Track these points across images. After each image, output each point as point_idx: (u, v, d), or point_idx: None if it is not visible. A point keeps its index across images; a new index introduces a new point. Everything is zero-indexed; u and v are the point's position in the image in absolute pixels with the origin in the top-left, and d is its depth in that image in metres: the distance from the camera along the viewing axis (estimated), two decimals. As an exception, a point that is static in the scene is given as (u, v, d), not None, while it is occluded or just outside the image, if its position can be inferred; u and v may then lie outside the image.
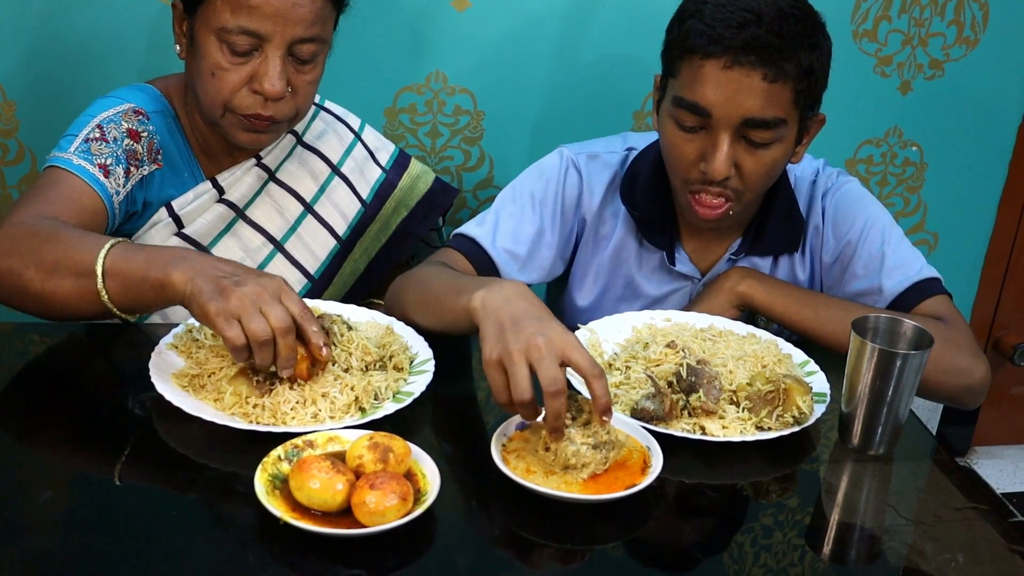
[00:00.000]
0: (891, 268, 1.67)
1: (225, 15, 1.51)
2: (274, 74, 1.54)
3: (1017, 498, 2.86)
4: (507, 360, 1.21)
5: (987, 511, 1.29)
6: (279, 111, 1.59)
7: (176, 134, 1.68)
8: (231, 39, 1.52)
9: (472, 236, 1.71)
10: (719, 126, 1.54)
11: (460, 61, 2.17)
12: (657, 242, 1.74)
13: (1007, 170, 2.56)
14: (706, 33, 1.51)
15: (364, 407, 1.33)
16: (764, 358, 1.47)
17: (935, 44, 2.36)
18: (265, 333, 1.25)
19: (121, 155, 1.57)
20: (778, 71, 1.50)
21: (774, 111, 1.52)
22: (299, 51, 1.56)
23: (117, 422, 1.33)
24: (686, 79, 1.55)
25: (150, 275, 1.33)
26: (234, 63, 1.54)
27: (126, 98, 1.64)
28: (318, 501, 1.11)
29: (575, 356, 1.20)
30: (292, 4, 1.52)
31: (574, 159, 1.77)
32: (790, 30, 1.50)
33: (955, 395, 1.60)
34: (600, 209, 1.77)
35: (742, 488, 1.30)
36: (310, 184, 1.78)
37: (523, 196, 1.75)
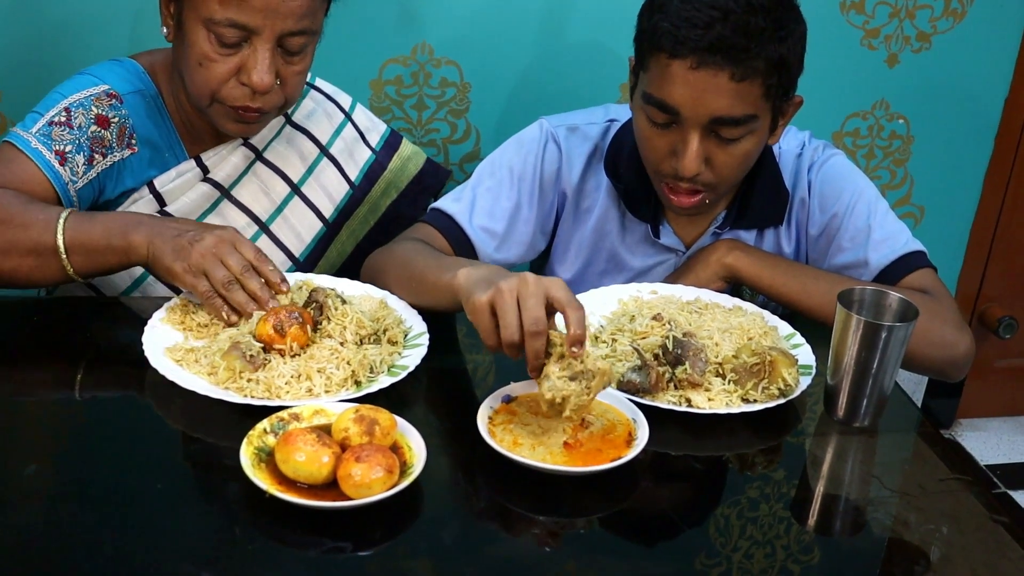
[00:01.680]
0: (877, 241, 1.67)
1: (214, 6, 1.48)
2: (263, 67, 1.52)
3: (1000, 469, 2.88)
4: (498, 299, 1.25)
5: (970, 482, 1.30)
6: (267, 103, 1.56)
7: (156, 113, 1.65)
8: (219, 31, 1.49)
9: (449, 212, 1.69)
10: (688, 124, 1.52)
11: (446, 32, 2.16)
12: (641, 215, 1.73)
13: (993, 143, 2.57)
14: (672, 33, 1.48)
15: (360, 380, 1.33)
16: (750, 330, 1.48)
17: (922, 16, 2.36)
18: (227, 278, 1.37)
19: (84, 143, 1.55)
20: (746, 69, 1.48)
21: (743, 108, 1.51)
22: (288, 43, 1.54)
23: (107, 395, 1.33)
24: (654, 76, 1.53)
25: (112, 243, 1.41)
26: (222, 54, 1.51)
27: (103, 78, 1.60)
28: (304, 474, 1.11)
29: (558, 293, 1.25)
30: None
31: (553, 132, 1.76)
32: (758, 25, 1.47)
33: (940, 368, 1.60)
34: (581, 182, 1.76)
35: (728, 460, 1.31)
36: (298, 165, 1.76)
37: (501, 170, 1.74)
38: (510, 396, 1.30)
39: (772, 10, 1.49)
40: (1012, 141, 2.59)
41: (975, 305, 2.84)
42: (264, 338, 1.33)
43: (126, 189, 1.62)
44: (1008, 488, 2.78)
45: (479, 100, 2.23)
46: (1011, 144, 2.59)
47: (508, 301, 1.24)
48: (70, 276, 1.43)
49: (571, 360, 1.23)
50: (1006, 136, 2.57)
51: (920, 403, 2.93)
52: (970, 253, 2.73)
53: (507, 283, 1.25)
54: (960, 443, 2.97)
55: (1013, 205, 2.69)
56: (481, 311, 1.26)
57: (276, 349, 1.33)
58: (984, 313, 2.86)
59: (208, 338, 1.39)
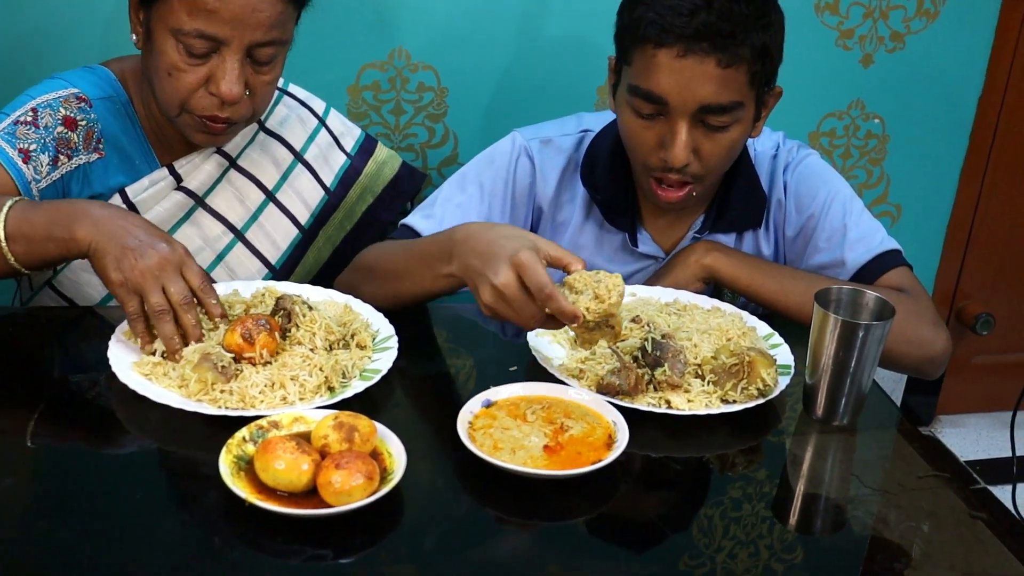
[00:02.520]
0: (853, 241, 1.68)
1: (182, 16, 1.47)
2: (231, 78, 1.50)
3: (980, 465, 2.89)
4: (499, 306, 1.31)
5: (949, 479, 1.30)
6: (236, 113, 1.55)
7: (127, 121, 1.64)
8: (188, 41, 1.48)
9: (417, 229, 1.68)
10: (676, 114, 1.53)
11: (423, 37, 2.16)
12: (619, 224, 1.73)
13: (968, 141, 2.59)
14: (657, 22, 1.49)
15: (333, 386, 1.32)
16: (729, 331, 1.48)
17: (896, 17, 2.37)
18: (162, 306, 1.31)
19: (50, 143, 1.54)
20: (732, 56, 1.49)
21: (730, 95, 1.52)
22: (258, 54, 1.53)
23: (78, 409, 1.31)
24: (640, 68, 1.54)
25: (54, 234, 1.35)
26: (191, 64, 1.50)
27: (73, 82, 1.60)
28: (283, 482, 1.10)
29: (551, 251, 1.33)
30: (251, 9, 1.48)
31: (526, 145, 1.75)
32: (741, 12, 1.48)
33: (917, 366, 1.61)
34: (556, 195, 1.76)
35: (708, 461, 1.31)
36: (272, 172, 1.75)
37: (471, 185, 1.73)
38: (490, 400, 1.30)
39: None
40: (986, 139, 2.61)
41: (952, 302, 2.86)
42: (233, 347, 1.31)
43: (93, 194, 1.60)
44: (988, 483, 2.79)
45: (456, 104, 2.23)
46: (985, 142, 2.61)
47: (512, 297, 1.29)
48: (12, 266, 1.38)
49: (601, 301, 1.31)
50: (980, 134, 2.59)
51: (900, 400, 2.94)
52: (947, 250, 2.75)
53: (501, 279, 1.29)
54: (940, 439, 2.98)
55: (988, 202, 2.71)
56: (492, 315, 1.34)
57: (246, 358, 1.32)
58: (961, 310, 2.87)
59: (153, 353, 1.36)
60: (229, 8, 1.47)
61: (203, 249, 1.66)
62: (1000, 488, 2.69)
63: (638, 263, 1.76)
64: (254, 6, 1.48)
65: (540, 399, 1.32)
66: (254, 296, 1.46)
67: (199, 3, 1.46)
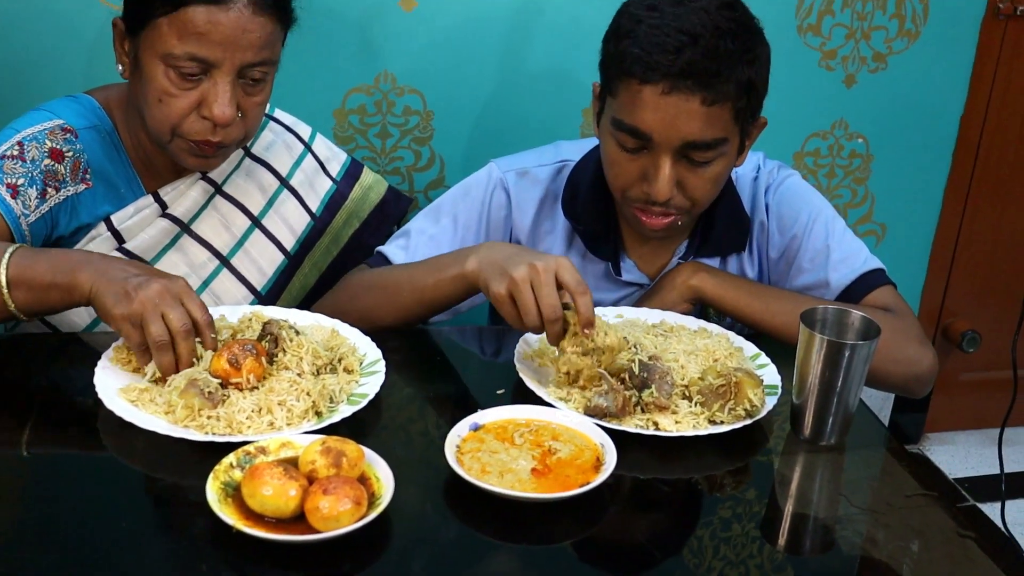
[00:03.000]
0: (836, 261, 1.69)
1: (172, 41, 1.47)
2: (224, 100, 1.51)
3: (969, 482, 2.90)
4: (515, 290, 1.38)
5: (938, 497, 1.30)
6: (228, 136, 1.55)
7: (112, 149, 1.63)
8: (179, 64, 1.48)
9: (391, 259, 1.69)
10: (660, 149, 1.53)
11: (409, 61, 2.16)
12: (602, 254, 1.73)
13: (951, 159, 2.60)
14: (643, 59, 1.48)
15: (321, 411, 1.32)
16: (715, 352, 1.48)
17: (878, 37, 2.39)
18: (163, 337, 1.30)
19: (37, 176, 1.53)
20: (717, 94, 1.49)
21: (714, 132, 1.52)
22: (249, 75, 1.53)
23: (63, 435, 1.31)
24: (624, 102, 1.53)
25: (56, 280, 1.36)
26: (182, 88, 1.50)
27: (58, 113, 1.59)
28: (271, 508, 1.10)
29: (566, 276, 1.38)
30: (242, 30, 1.48)
31: (502, 177, 1.74)
32: (727, 49, 1.48)
33: (904, 384, 1.62)
34: (534, 226, 1.76)
35: (697, 482, 1.31)
36: (258, 198, 1.75)
37: (445, 217, 1.73)
38: (478, 424, 1.30)
39: (739, 34, 1.50)
40: (969, 157, 2.63)
41: (938, 320, 2.87)
42: (220, 373, 1.31)
43: (81, 224, 1.60)
44: (977, 501, 2.80)
45: (442, 128, 2.23)
46: (968, 160, 2.63)
47: (525, 292, 1.37)
48: (12, 313, 1.38)
49: (583, 338, 1.37)
50: (963, 152, 2.60)
51: (888, 419, 2.95)
52: (932, 268, 2.76)
53: (520, 273, 1.37)
54: (928, 457, 2.99)
55: (972, 220, 2.73)
56: (502, 301, 1.40)
57: (233, 383, 1.31)
58: (948, 327, 2.88)
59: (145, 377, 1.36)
60: (220, 30, 1.47)
61: (188, 276, 1.66)
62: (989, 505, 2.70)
63: (622, 291, 1.77)
64: (244, 27, 1.48)
65: (528, 422, 1.32)
66: (241, 321, 1.46)
67: (189, 26, 1.46)
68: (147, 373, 1.34)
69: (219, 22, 1.47)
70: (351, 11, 2.09)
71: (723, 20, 1.49)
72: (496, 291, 1.40)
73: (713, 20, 1.48)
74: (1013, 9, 2.47)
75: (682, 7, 1.49)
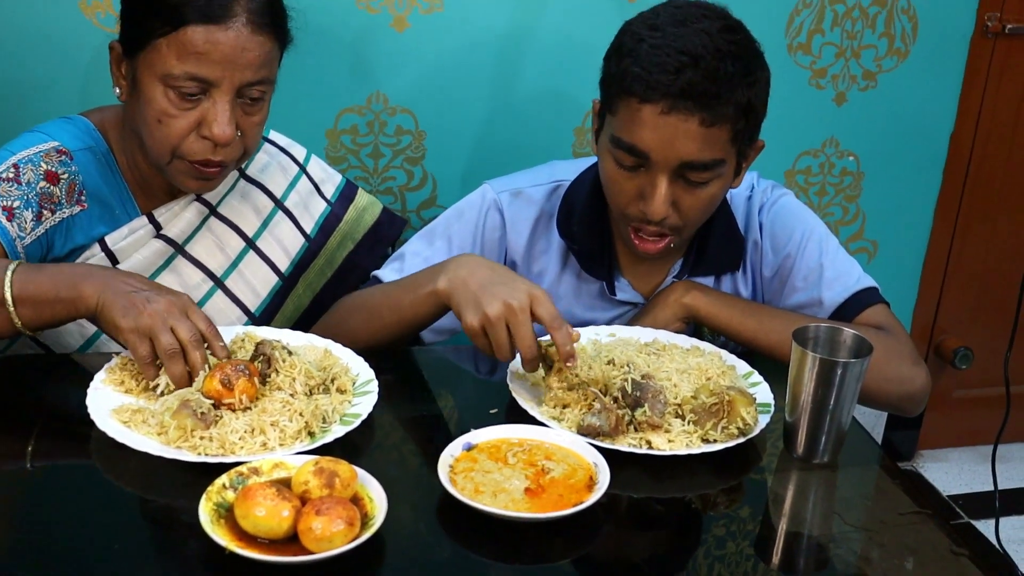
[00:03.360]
0: (830, 280, 1.69)
1: (171, 61, 1.48)
2: (224, 119, 1.51)
3: (963, 499, 2.90)
4: (489, 327, 1.39)
5: (932, 515, 1.30)
6: (228, 155, 1.55)
7: (107, 170, 1.63)
8: (178, 85, 1.49)
9: (383, 280, 1.69)
10: (657, 168, 1.53)
11: (401, 82, 2.17)
12: (596, 273, 1.74)
13: (941, 177, 2.61)
14: (643, 78, 1.49)
15: (314, 431, 1.32)
16: (708, 370, 1.48)
17: (867, 56, 2.40)
18: (173, 346, 1.32)
19: (33, 198, 1.53)
20: (715, 115, 1.49)
21: (712, 153, 1.52)
22: (248, 94, 1.53)
23: (55, 457, 1.30)
24: (624, 120, 1.54)
25: (61, 294, 1.37)
26: (181, 109, 1.51)
27: (53, 134, 1.59)
28: (264, 529, 1.10)
29: (540, 311, 1.38)
30: (241, 49, 1.49)
31: (496, 199, 1.75)
32: (727, 71, 1.48)
33: (897, 403, 1.62)
34: (529, 247, 1.76)
35: (690, 501, 1.31)
36: (252, 219, 1.75)
37: (439, 239, 1.74)
38: (471, 443, 1.30)
39: (740, 56, 1.51)
40: (959, 174, 2.64)
41: (931, 337, 2.88)
42: (212, 394, 1.31)
43: (76, 246, 1.60)
44: (971, 518, 2.80)
45: (434, 147, 2.24)
46: (959, 177, 2.64)
47: (499, 330, 1.38)
48: (17, 329, 1.39)
49: (568, 374, 1.40)
50: (953, 169, 2.62)
51: (881, 436, 2.95)
52: (924, 285, 2.77)
53: (494, 311, 1.38)
54: (922, 475, 2.99)
55: (963, 237, 2.74)
56: (476, 335, 1.41)
57: (226, 404, 1.31)
58: (940, 345, 2.89)
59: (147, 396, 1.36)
60: (219, 49, 1.48)
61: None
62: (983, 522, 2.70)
63: (617, 310, 1.77)
64: (243, 46, 1.49)
65: (521, 442, 1.32)
66: (233, 341, 1.46)
67: (188, 46, 1.47)
68: (159, 385, 1.34)
69: (218, 41, 1.48)
70: (344, 32, 2.09)
71: (724, 43, 1.49)
72: (470, 323, 1.41)
73: (715, 42, 1.49)
74: (1001, 27, 2.48)
75: (684, 28, 1.50)
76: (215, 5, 1.47)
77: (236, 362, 1.34)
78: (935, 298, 2.81)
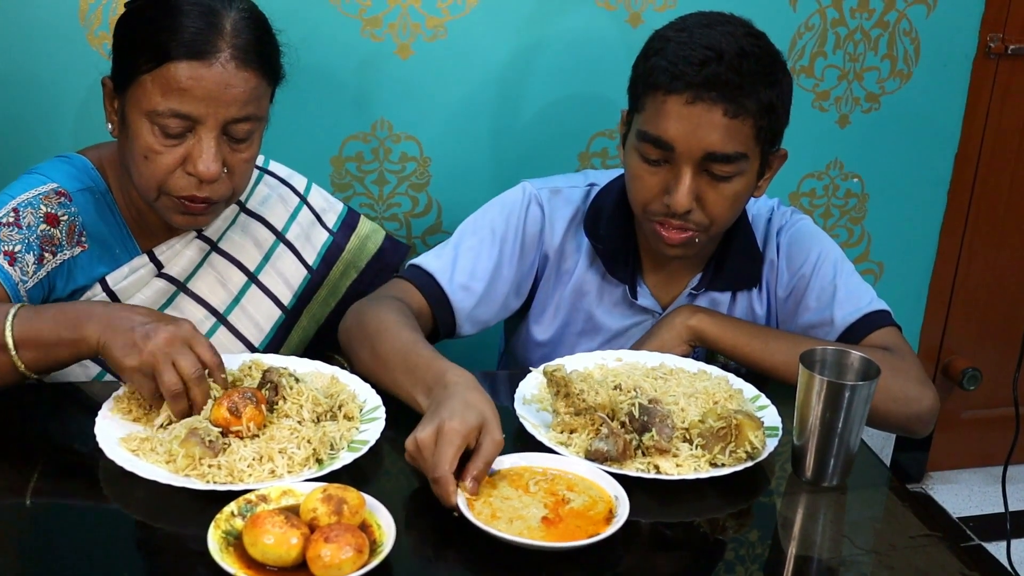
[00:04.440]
0: (842, 300, 1.70)
1: (155, 97, 1.46)
2: (208, 156, 1.49)
3: (973, 521, 2.88)
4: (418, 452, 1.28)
5: (942, 537, 1.30)
6: (215, 192, 1.53)
7: (106, 210, 1.62)
8: (162, 121, 1.47)
9: (429, 270, 1.70)
10: (681, 160, 1.57)
11: (405, 109, 2.18)
12: (620, 275, 1.75)
13: (946, 197, 2.62)
14: (669, 70, 1.55)
15: (322, 458, 1.32)
16: (715, 394, 1.48)
17: (870, 78, 2.41)
18: (177, 386, 1.32)
19: (34, 242, 1.52)
20: (738, 107, 1.54)
21: (735, 146, 1.56)
22: (234, 130, 1.51)
23: (64, 485, 1.31)
24: (650, 114, 1.58)
25: (63, 336, 1.37)
26: (167, 145, 1.49)
27: (51, 176, 1.58)
28: (273, 556, 1.10)
29: (492, 451, 1.27)
30: (225, 85, 1.47)
31: (536, 194, 1.78)
32: (750, 68, 1.54)
33: (905, 424, 1.62)
34: (562, 244, 1.79)
35: (699, 525, 1.30)
36: (254, 253, 1.74)
37: (483, 230, 1.75)
38: (494, 469, 1.29)
39: (762, 58, 1.57)
40: (964, 194, 2.64)
41: (938, 358, 2.87)
42: (220, 422, 1.31)
43: (77, 287, 1.59)
44: (982, 540, 2.78)
45: (439, 173, 2.25)
46: (964, 197, 2.64)
47: (423, 453, 1.26)
48: (21, 373, 1.38)
49: (575, 399, 1.39)
50: (958, 190, 2.62)
51: (890, 457, 2.93)
52: (931, 307, 2.76)
53: (420, 433, 1.27)
54: (932, 496, 2.97)
55: (969, 257, 2.73)
56: None
57: (233, 432, 1.31)
58: (948, 366, 2.88)
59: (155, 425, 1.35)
60: (202, 86, 1.46)
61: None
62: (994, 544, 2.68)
63: (636, 317, 1.78)
64: (227, 82, 1.47)
65: (544, 471, 1.31)
66: (240, 369, 1.46)
67: (171, 82, 1.46)
68: (159, 418, 1.34)
69: (202, 77, 1.46)
70: (348, 60, 2.11)
71: (748, 44, 1.56)
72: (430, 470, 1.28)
73: (739, 42, 1.55)
74: (1004, 48, 2.49)
75: (711, 29, 1.57)
76: (199, 41, 1.46)
77: (243, 390, 1.34)
78: (942, 319, 2.81)
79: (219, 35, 1.48)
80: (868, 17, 2.36)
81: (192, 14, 1.47)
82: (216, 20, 1.48)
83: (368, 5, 2.07)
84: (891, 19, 2.37)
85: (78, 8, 1.95)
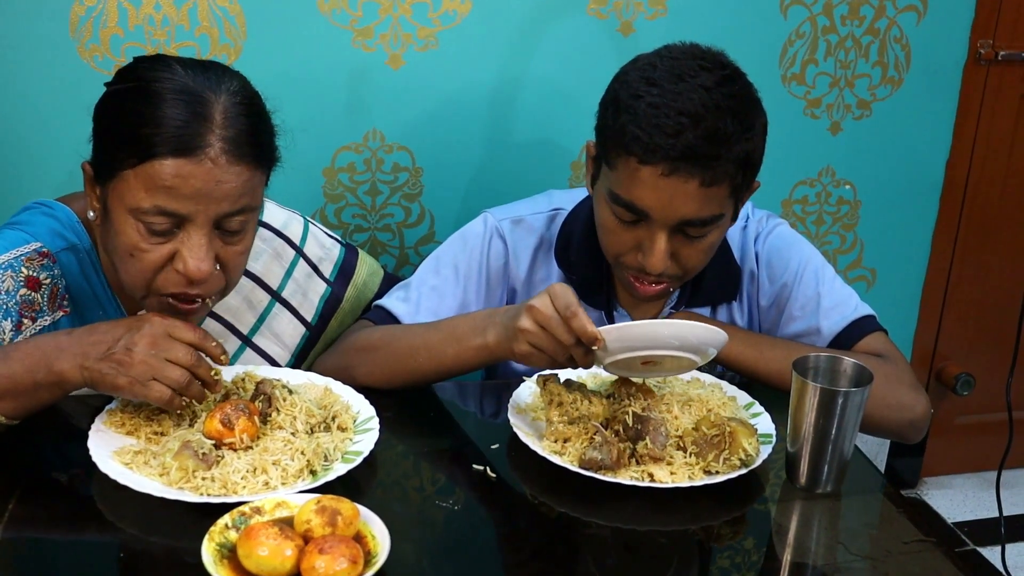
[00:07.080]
0: (827, 308, 1.69)
1: (139, 194, 1.34)
2: (199, 255, 1.37)
3: (968, 526, 2.88)
4: (537, 329, 1.40)
5: (937, 542, 1.30)
6: (208, 289, 1.41)
7: (91, 268, 1.53)
8: (148, 219, 1.35)
9: (395, 313, 1.68)
10: (656, 226, 1.53)
11: (397, 119, 2.18)
12: (594, 303, 1.74)
13: (938, 203, 2.62)
14: (642, 140, 1.47)
15: (315, 469, 1.32)
16: (709, 402, 1.48)
17: (861, 85, 2.42)
18: (184, 376, 1.31)
19: (12, 307, 1.44)
20: (715, 175, 1.48)
21: (711, 210, 1.52)
22: (227, 224, 1.39)
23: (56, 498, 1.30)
24: (623, 178, 1.52)
25: (39, 379, 1.32)
26: (153, 243, 1.37)
27: (35, 233, 1.49)
28: (267, 568, 1.09)
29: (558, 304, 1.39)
30: (216, 181, 1.34)
31: (498, 227, 1.75)
32: (726, 131, 1.47)
33: (898, 430, 1.62)
34: (529, 275, 1.76)
35: (694, 533, 1.30)
36: (248, 316, 1.68)
37: (446, 268, 1.73)
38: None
39: (739, 111, 1.49)
40: (956, 201, 2.65)
41: (932, 364, 2.87)
42: (213, 434, 1.31)
43: None
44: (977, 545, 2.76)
45: (432, 184, 2.25)
46: (955, 203, 2.65)
47: (547, 318, 1.38)
48: (3, 424, 1.34)
49: (568, 408, 1.40)
50: (950, 196, 2.62)
51: (884, 464, 2.94)
52: (923, 312, 2.77)
53: (536, 301, 1.40)
54: (927, 502, 2.98)
55: (962, 263, 2.74)
56: (527, 352, 1.42)
57: (227, 444, 1.31)
58: (941, 371, 2.89)
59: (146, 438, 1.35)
60: (190, 183, 1.33)
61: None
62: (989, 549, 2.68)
63: (615, 343, 1.77)
64: (218, 178, 1.35)
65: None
66: (234, 381, 1.46)
67: (156, 180, 1.33)
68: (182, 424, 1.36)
69: (189, 175, 1.33)
70: (340, 70, 2.11)
71: (723, 98, 1.47)
72: (518, 349, 1.43)
73: (713, 99, 1.47)
74: (994, 54, 2.50)
75: (682, 83, 1.47)
76: (186, 135, 1.33)
77: (236, 402, 1.34)
78: (935, 324, 2.81)
79: (208, 127, 1.35)
80: (859, 24, 2.36)
81: (177, 104, 1.34)
82: (204, 110, 1.35)
83: (359, 16, 2.08)
84: (882, 26, 2.38)
85: (68, 21, 1.95)
